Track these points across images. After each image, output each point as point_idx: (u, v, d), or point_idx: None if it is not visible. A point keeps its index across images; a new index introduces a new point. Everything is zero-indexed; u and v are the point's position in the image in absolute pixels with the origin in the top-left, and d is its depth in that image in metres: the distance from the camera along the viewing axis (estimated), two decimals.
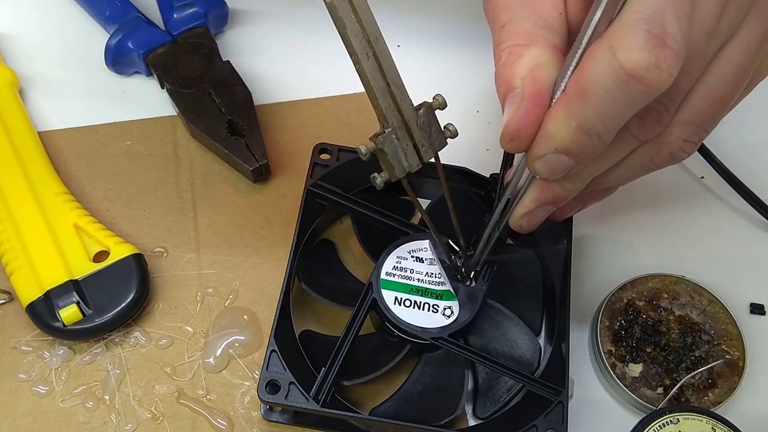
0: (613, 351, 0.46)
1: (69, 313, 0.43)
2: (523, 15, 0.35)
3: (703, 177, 0.54)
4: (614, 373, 0.45)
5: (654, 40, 0.29)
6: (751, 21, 0.33)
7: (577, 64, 0.32)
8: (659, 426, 0.40)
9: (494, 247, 0.42)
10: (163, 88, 0.52)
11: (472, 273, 0.43)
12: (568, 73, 0.32)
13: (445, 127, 0.36)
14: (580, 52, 0.32)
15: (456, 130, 0.37)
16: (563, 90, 0.32)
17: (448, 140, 0.37)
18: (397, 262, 0.44)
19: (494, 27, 0.36)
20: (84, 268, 0.45)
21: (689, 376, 0.45)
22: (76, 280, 0.44)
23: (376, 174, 0.36)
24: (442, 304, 0.43)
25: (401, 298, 0.43)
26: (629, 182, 0.41)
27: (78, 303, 0.44)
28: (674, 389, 0.44)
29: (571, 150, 0.33)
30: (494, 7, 0.36)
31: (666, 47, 0.29)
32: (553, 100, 0.33)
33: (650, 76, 0.29)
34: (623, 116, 0.32)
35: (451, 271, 0.43)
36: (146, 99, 0.54)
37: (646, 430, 0.40)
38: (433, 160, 0.37)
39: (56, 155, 0.51)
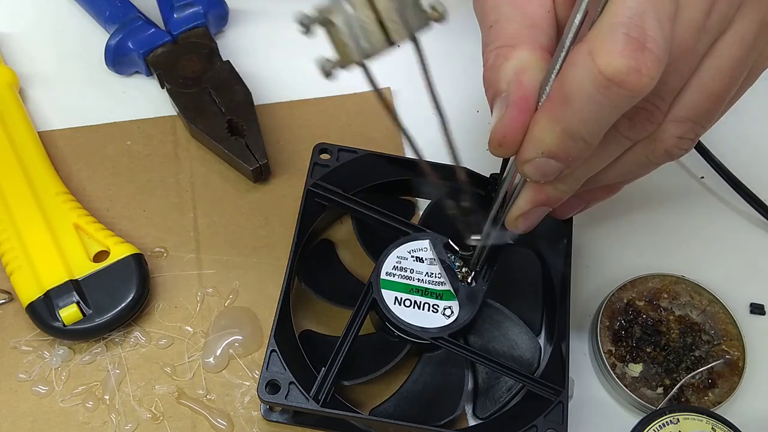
0: (613, 351, 0.46)
1: (69, 313, 0.43)
2: (509, 15, 0.35)
3: (703, 177, 0.54)
4: (614, 373, 0.45)
5: (633, 44, 0.29)
6: (745, 13, 0.33)
7: (561, 67, 0.32)
8: (659, 426, 0.40)
9: (493, 247, 0.42)
10: (163, 88, 0.52)
11: (473, 273, 0.43)
12: (552, 76, 0.32)
13: (431, 7, 0.28)
14: (563, 55, 0.32)
15: (445, 12, 0.28)
16: (548, 94, 0.32)
17: (435, 24, 0.28)
18: (397, 262, 0.44)
19: (483, 27, 0.36)
20: (84, 268, 0.45)
21: (689, 376, 0.45)
22: (76, 280, 0.44)
23: (325, 59, 0.28)
24: (442, 304, 0.43)
25: (401, 298, 0.43)
26: (630, 180, 0.41)
27: (78, 303, 0.44)
28: (674, 389, 0.44)
29: (558, 154, 0.33)
30: (483, 6, 0.36)
31: (646, 51, 0.29)
32: (540, 103, 0.33)
33: (630, 81, 0.29)
34: (607, 120, 0.32)
35: (451, 271, 0.43)
36: (146, 99, 0.54)
37: (646, 430, 0.40)
38: (414, 54, 0.28)
39: (56, 155, 0.51)
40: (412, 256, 0.44)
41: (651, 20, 0.29)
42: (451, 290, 0.43)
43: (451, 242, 0.44)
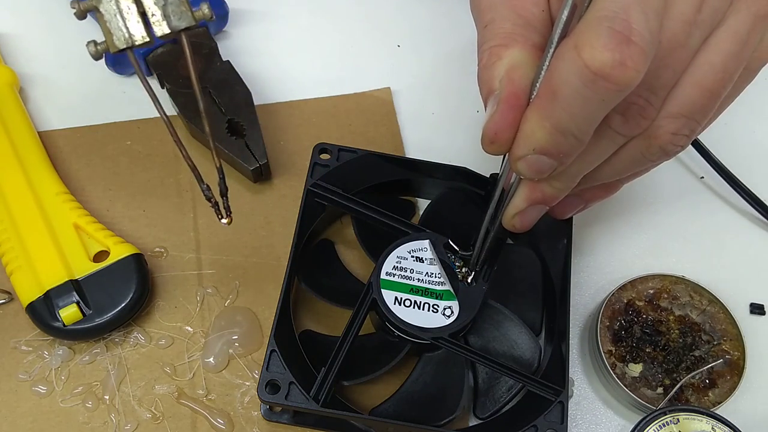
0: (613, 351, 0.46)
1: (69, 313, 0.43)
2: (504, 14, 0.35)
3: (703, 177, 0.54)
4: (614, 373, 0.45)
5: (617, 38, 0.29)
6: (738, 7, 0.33)
7: (549, 63, 0.32)
8: (659, 426, 0.40)
9: (493, 247, 0.42)
10: (163, 88, 0.52)
11: (473, 273, 0.43)
12: (542, 73, 0.32)
13: (200, 5, 0.30)
14: (551, 51, 0.32)
15: (211, 13, 0.31)
16: (537, 90, 0.33)
17: (204, 23, 0.31)
18: (397, 262, 0.44)
19: (478, 27, 0.36)
20: (84, 268, 0.45)
21: (689, 376, 0.45)
22: (76, 280, 0.44)
23: (91, 41, 0.30)
24: (442, 304, 0.43)
25: (401, 298, 0.43)
26: (628, 179, 0.41)
27: (78, 303, 0.44)
28: (674, 389, 0.44)
29: (549, 150, 0.33)
30: (478, 6, 0.36)
31: (631, 44, 0.29)
32: (531, 100, 0.33)
33: (616, 74, 0.29)
34: (596, 115, 0.32)
35: (451, 271, 0.43)
36: (146, 99, 0.53)
37: (646, 430, 0.40)
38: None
39: (56, 155, 0.51)
40: (412, 256, 0.44)
41: (637, 14, 0.29)
42: (451, 290, 0.43)
43: (451, 242, 0.44)
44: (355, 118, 0.54)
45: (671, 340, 0.46)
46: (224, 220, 0.40)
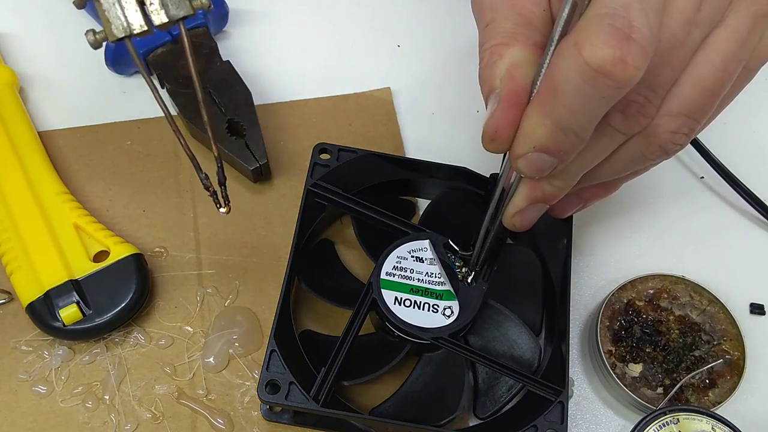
0: (613, 351, 0.46)
1: (69, 313, 0.43)
2: (504, 14, 0.35)
3: (703, 177, 0.54)
4: (614, 373, 0.45)
5: (618, 35, 0.29)
6: (738, 6, 0.33)
7: (550, 61, 0.32)
8: (659, 426, 0.40)
9: (493, 247, 0.42)
10: (163, 87, 0.52)
11: (472, 273, 0.43)
12: (543, 71, 0.32)
13: None
14: (552, 49, 0.32)
15: (209, 2, 0.31)
16: (538, 88, 0.33)
17: (200, 13, 0.32)
18: (397, 262, 0.44)
19: (479, 26, 0.36)
20: (84, 268, 0.45)
21: (689, 376, 0.45)
22: (76, 279, 0.44)
23: (90, 30, 0.30)
24: (442, 304, 0.43)
25: (401, 298, 0.43)
26: (628, 178, 0.41)
27: (78, 303, 0.44)
28: (674, 389, 0.44)
29: (550, 148, 0.33)
30: (479, 6, 0.36)
31: (631, 41, 0.29)
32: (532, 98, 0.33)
33: (616, 71, 0.29)
34: (596, 112, 0.32)
35: (451, 271, 0.43)
36: (146, 99, 0.54)
37: (646, 430, 0.40)
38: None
39: (56, 155, 0.51)
40: (412, 256, 0.44)
41: (637, 11, 0.29)
42: (451, 290, 0.43)
43: (451, 242, 0.44)
44: (355, 118, 0.54)
45: (671, 340, 0.46)
46: (222, 210, 0.40)
